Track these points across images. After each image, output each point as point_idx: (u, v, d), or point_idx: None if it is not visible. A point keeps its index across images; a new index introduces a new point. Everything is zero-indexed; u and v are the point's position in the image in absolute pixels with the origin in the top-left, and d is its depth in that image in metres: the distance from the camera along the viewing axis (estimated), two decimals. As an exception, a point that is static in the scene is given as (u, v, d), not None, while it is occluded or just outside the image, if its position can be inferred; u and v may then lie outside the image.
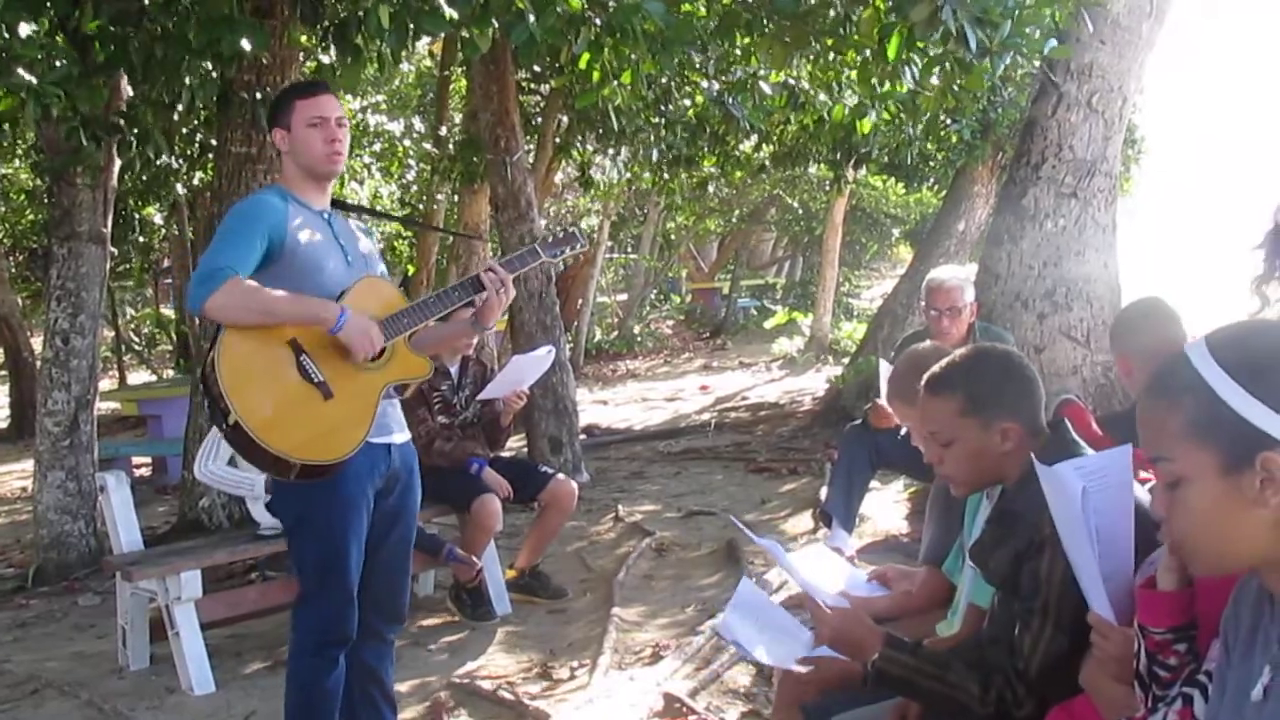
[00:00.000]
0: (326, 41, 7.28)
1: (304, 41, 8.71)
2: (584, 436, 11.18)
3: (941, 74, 6.74)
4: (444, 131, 14.00)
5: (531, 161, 12.28)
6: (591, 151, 13.89)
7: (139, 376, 20.98)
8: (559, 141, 13.54)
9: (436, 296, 3.91)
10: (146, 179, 11.63)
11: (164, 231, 17.42)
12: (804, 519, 7.95)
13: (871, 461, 6.58)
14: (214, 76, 7.41)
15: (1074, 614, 2.36)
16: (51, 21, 6.85)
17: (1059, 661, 2.46)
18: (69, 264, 7.64)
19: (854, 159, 13.38)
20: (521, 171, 9.96)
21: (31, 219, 17.52)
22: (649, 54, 6.69)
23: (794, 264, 32.37)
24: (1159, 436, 1.75)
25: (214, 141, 8.58)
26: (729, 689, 4.92)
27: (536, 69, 11.98)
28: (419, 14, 5.98)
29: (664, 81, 11.01)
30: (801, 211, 25.18)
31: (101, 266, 7.81)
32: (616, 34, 6.39)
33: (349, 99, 13.52)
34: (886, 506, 7.89)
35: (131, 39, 6.73)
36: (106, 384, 17.52)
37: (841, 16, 6.88)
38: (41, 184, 13.69)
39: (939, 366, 2.80)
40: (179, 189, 12.42)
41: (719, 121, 11.56)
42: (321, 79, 4.29)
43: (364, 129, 13.92)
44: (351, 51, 6.55)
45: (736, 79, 10.07)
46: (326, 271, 3.76)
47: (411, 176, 15.71)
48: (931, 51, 6.40)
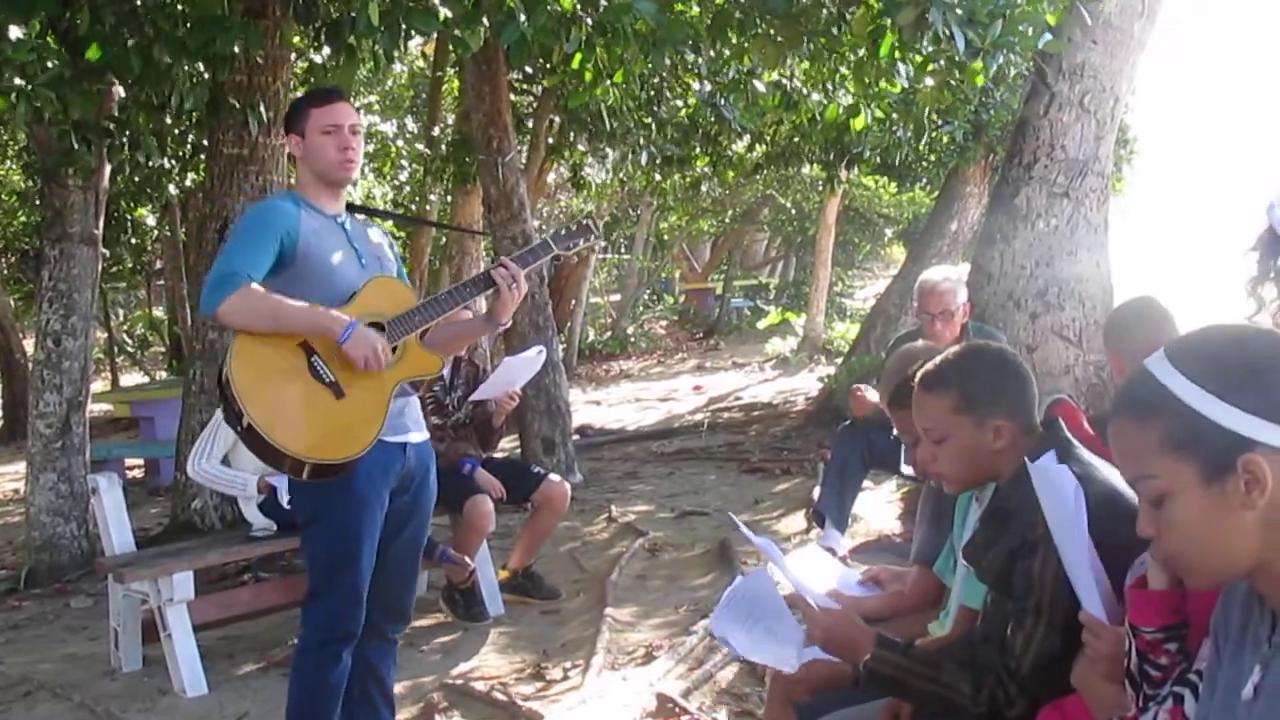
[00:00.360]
0: (319, 41, 7.28)
1: (296, 42, 8.71)
2: (577, 437, 11.19)
3: (936, 72, 6.75)
4: (437, 132, 14.00)
5: (524, 162, 12.28)
6: (584, 152, 13.89)
7: (132, 378, 20.95)
8: (551, 142, 13.55)
9: (448, 293, 3.94)
10: (139, 180, 11.65)
11: (156, 233, 17.41)
12: (797, 519, 7.96)
13: (864, 461, 6.57)
14: (206, 78, 7.40)
15: (1066, 613, 2.35)
16: (42, 24, 6.84)
17: (1051, 661, 2.45)
18: (61, 265, 7.62)
19: (846, 159, 13.38)
20: (514, 172, 9.96)
21: (23, 220, 17.51)
22: (641, 54, 6.69)
23: (787, 264, 32.40)
24: (1136, 456, 1.74)
25: (206, 143, 8.57)
26: (722, 689, 4.92)
27: (528, 69, 11.99)
28: (411, 13, 5.98)
29: (656, 81, 11.02)
30: (794, 212, 25.21)
31: (93, 268, 7.80)
32: (608, 34, 6.39)
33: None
34: (879, 506, 7.90)
35: (125, 41, 6.72)
36: (99, 386, 17.51)
37: (834, 16, 6.88)
38: (33, 186, 13.68)
39: (932, 364, 2.80)
40: (171, 190, 12.41)
41: (711, 122, 11.57)
42: (336, 87, 4.31)
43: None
44: (344, 51, 6.55)
45: (729, 79, 10.08)
46: (339, 274, 3.79)
47: (404, 177, 15.72)
48: (926, 50, 6.41)
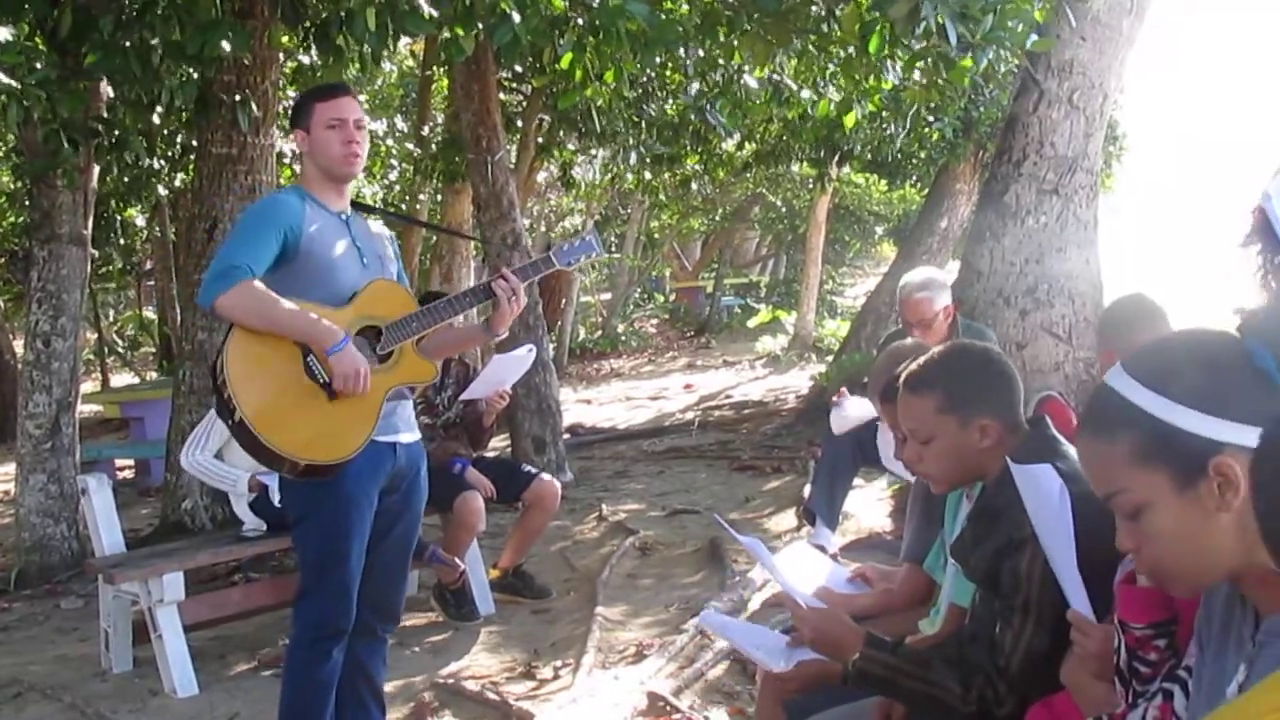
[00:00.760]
0: (308, 42, 7.27)
1: (285, 42, 8.70)
2: (568, 436, 11.18)
3: (925, 69, 6.75)
4: (426, 131, 13.98)
5: (513, 161, 12.28)
6: (573, 151, 13.89)
7: (122, 379, 20.91)
8: (541, 141, 13.54)
9: (447, 302, 3.96)
10: (128, 181, 11.61)
11: (146, 233, 17.36)
12: (787, 517, 7.97)
13: (855, 459, 6.58)
14: (194, 78, 7.39)
15: (1055, 611, 2.35)
16: (30, 24, 6.83)
17: (1040, 659, 2.46)
18: (49, 266, 7.61)
19: (837, 156, 13.41)
20: (503, 171, 9.96)
21: (12, 221, 17.44)
22: (631, 54, 6.69)
23: (778, 262, 32.39)
24: (1107, 472, 1.74)
25: (194, 143, 8.55)
26: (713, 687, 4.92)
27: (518, 68, 11.98)
28: (401, 14, 5.98)
29: (645, 81, 11.01)
30: (785, 210, 25.20)
31: (82, 269, 7.78)
32: (599, 34, 6.40)
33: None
34: (869, 504, 7.91)
35: (123, 46, 6.71)
36: (89, 386, 17.49)
37: (823, 13, 6.88)
38: (22, 186, 13.65)
39: (917, 364, 2.81)
40: (160, 190, 12.38)
41: (700, 122, 11.58)
42: (342, 82, 4.34)
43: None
44: (333, 52, 6.54)
45: (719, 79, 10.08)
46: (340, 272, 3.80)
47: (394, 176, 15.69)
48: (914, 47, 6.41)
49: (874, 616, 3.38)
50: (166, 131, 10.13)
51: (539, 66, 9.33)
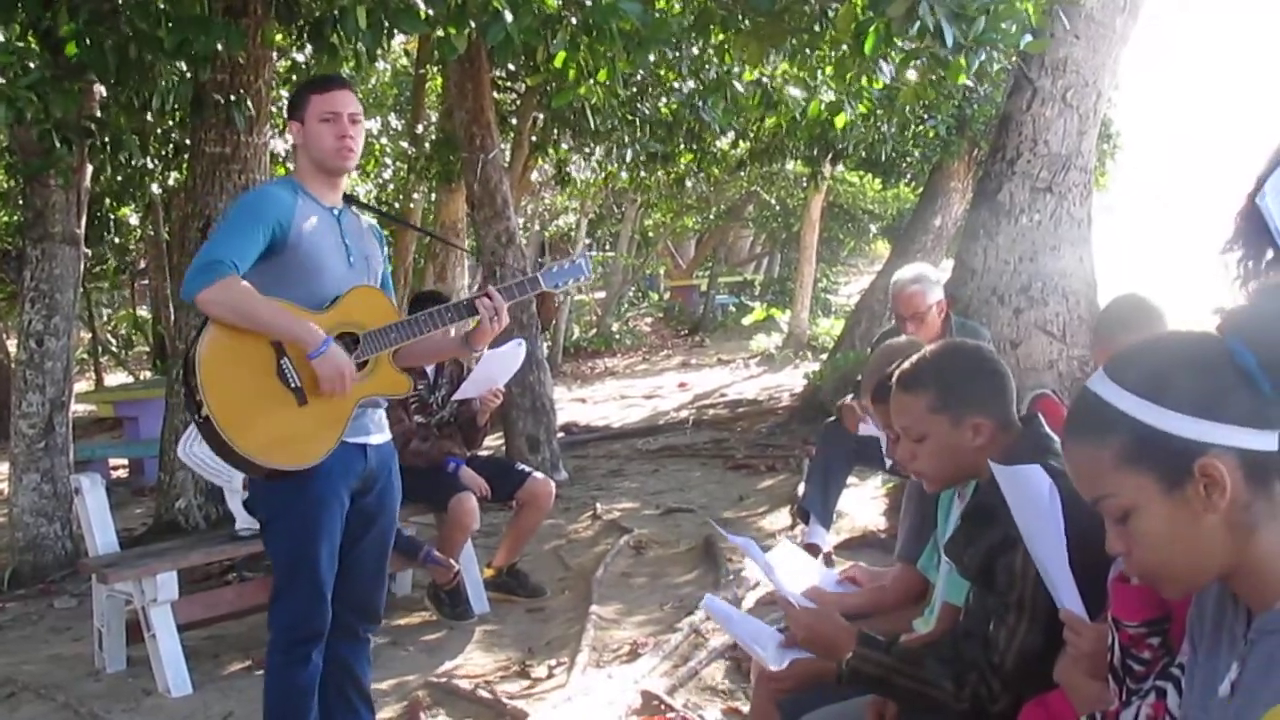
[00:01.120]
0: (301, 40, 7.26)
1: (279, 41, 8.69)
2: (562, 435, 11.18)
3: (918, 68, 6.75)
4: (420, 130, 13.97)
5: (508, 160, 12.27)
6: (568, 150, 13.87)
7: (116, 378, 20.88)
8: (535, 140, 13.54)
9: (428, 315, 3.90)
10: (121, 180, 11.60)
11: (140, 232, 17.33)
12: (782, 515, 7.96)
13: (849, 458, 6.58)
14: (187, 77, 7.38)
15: (1048, 609, 2.35)
16: (22, 24, 6.81)
17: (1034, 656, 2.46)
18: (43, 265, 7.60)
19: (831, 155, 13.41)
20: (498, 170, 9.96)
21: (5, 220, 17.41)
22: (624, 52, 6.68)
23: (772, 261, 32.37)
24: (1094, 477, 1.74)
25: (188, 142, 8.54)
26: (707, 686, 4.92)
27: (512, 67, 11.97)
28: (395, 12, 5.97)
29: (639, 79, 11.01)
30: (779, 208, 25.19)
31: (76, 268, 7.77)
32: (593, 33, 6.39)
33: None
34: (864, 502, 7.90)
35: (105, 40, 6.70)
36: (83, 386, 17.46)
37: (817, 12, 6.88)
38: (15, 186, 13.63)
39: (909, 363, 2.81)
40: (154, 190, 12.37)
41: (693, 120, 11.58)
42: (339, 74, 4.31)
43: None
44: (326, 50, 6.54)
45: (711, 79, 10.08)
46: (326, 271, 3.76)
47: (388, 175, 15.68)
48: (908, 46, 6.41)
49: (867, 615, 3.38)
50: (160, 130, 10.12)
51: (533, 65, 9.32)
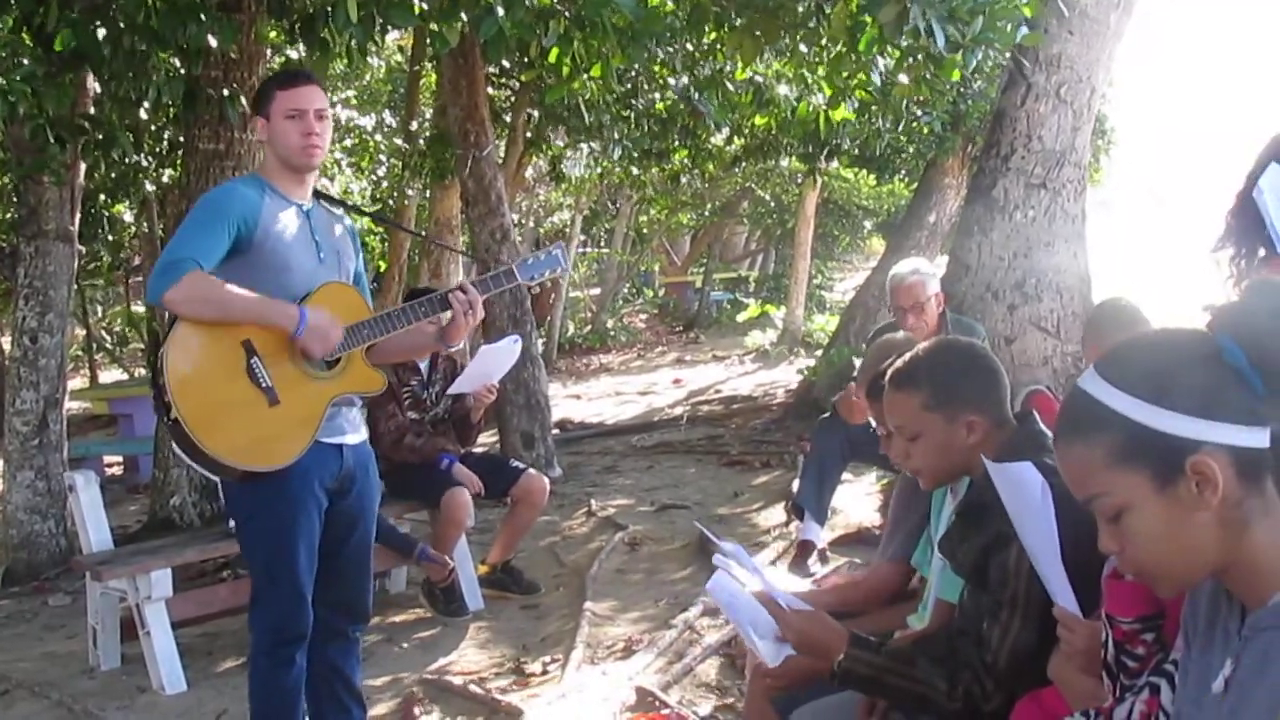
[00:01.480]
0: (294, 36, 7.25)
1: (272, 37, 8.67)
2: (557, 431, 11.18)
3: (912, 66, 6.75)
4: (414, 127, 13.95)
5: (502, 156, 12.26)
6: (562, 146, 13.86)
7: (110, 375, 20.86)
8: (529, 136, 13.53)
9: (401, 311, 3.86)
10: (115, 177, 11.58)
11: (134, 229, 17.30)
12: (776, 512, 7.96)
13: (844, 454, 6.58)
14: (180, 73, 7.36)
15: (1042, 606, 2.35)
16: (15, 20, 6.80)
17: (1028, 654, 2.45)
18: (36, 263, 7.59)
19: (826, 151, 13.40)
20: (492, 166, 9.95)
21: (-1, 217, 17.39)
22: (618, 47, 6.68)
23: (766, 257, 32.35)
24: (1086, 477, 1.73)
25: (182, 139, 8.53)
26: (701, 682, 4.93)
27: (506, 63, 11.95)
28: (387, 7, 5.95)
29: (633, 75, 11.00)
30: (774, 204, 25.17)
31: (69, 265, 7.77)
32: (586, 27, 6.38)
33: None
34: (859, 499, 7.91)
35: (97, 32, 6.68)
36: (78, 383, 17.43)
37: (812, 10, 6.88)
38: (8, 183, 13.60)
39: (902, 361, 2.81)
40: (148, 186, 12.34)
41: (688, 115, 11.57)
42: (305, 69, 4.24)
43: (334, 124, 13.84)
44: (319, 45, 6.52)
45: (705, 75, 10.07)
46: (294, 268, 3.70)
47: (382, 172, 15.65)
48: (903, 44, 6.40)
49: (850, 615, 3.37)
50: (154, 127, 10.11)
51: (526, 61, 9.31)
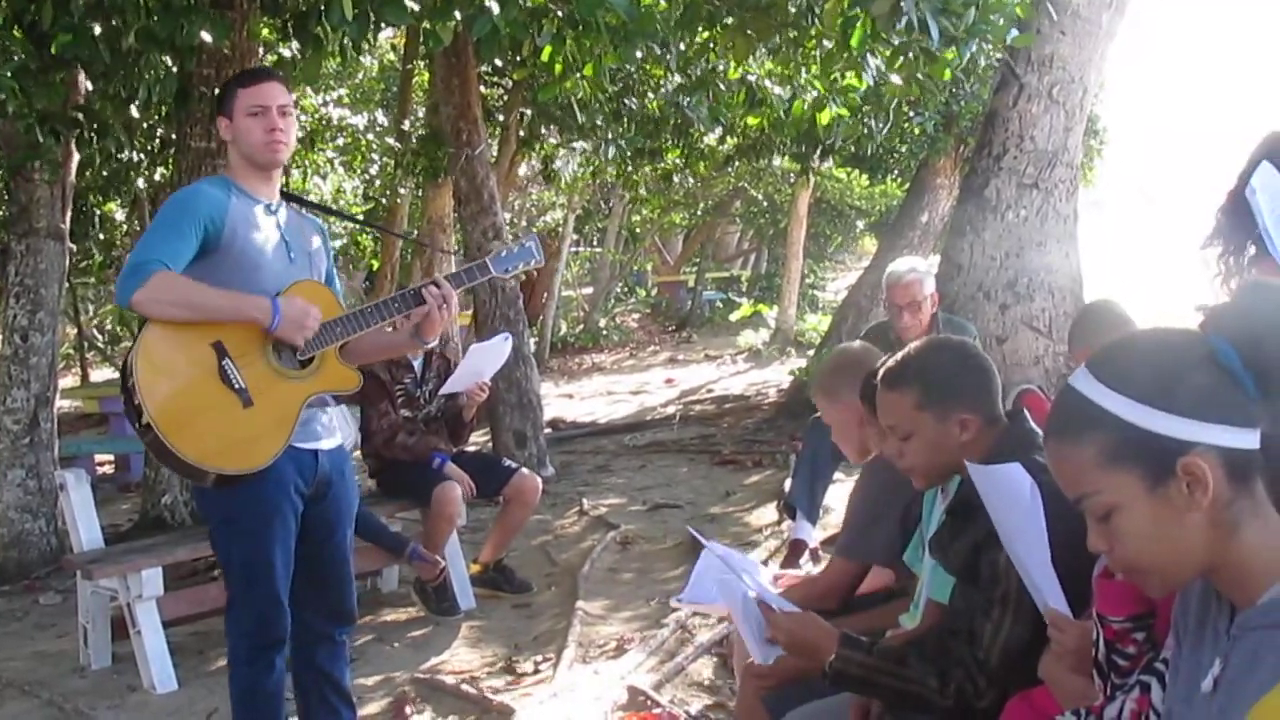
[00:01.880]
0: (287, 33, 7.24)
1: (265, 35, 8.66)
2: (549, 430, 11.17)
3: (905, 63, 6.75)
4: (407, 125, 13.94)
5: (495, 155, 12.24)
6: (555, 145, 13.84)
7: (102, 373, 20.81)
8: (522, 135, 13.52)
9: (374, 307, 3.82)
10: (107, 174, 11.55)
11: (125, 227, 17.27)
12: (768, 511, 7.97)
13: (835, 453, 6.51)
14: (173, 70, 7.35)
15: (1033, 604, 2.35)
16: (7, 16, 6.78)
17: (1019, 652, 2.46)
18: (27, 260, 7.57)
19: (819, 151, 13.40)
20: (484, 165, 9.94)
21: (-11, 215, 17.37)
22: (611, 47, 6.67)
23: (759, 256, 32.35)
24: (1077, 476, 1.73)
25: (174, 136, 8.51)
26: (693, 682, 4.93)
27: (499, 62, 11.94)
28: (381, 4, 5.94)
29: (625, 74, 10.99)
30: (766, 204, 25.15)
31: (61, 263, 7.75)
32: (579, 26, 6.38)
33: (310, 93, 13.45)
34: (851, 498, 7.90)
35: (90, 29, 6.66)
36: (69, 381, 17.39)
37: (804, 7, 6.88)
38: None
39: (894, 360, 2.81)
40: (140, 184, 12.32)
41: (681, 114, 11.57)
42: (266, 66, 4.20)
43: (327, 123, 13.85)
44: (311, 43, 6.51)
45: (698, 75, 10.06)
46: (264, 268, 3.66)
47: (375, 171, 15.64)
48: (895, 41, 6.41)
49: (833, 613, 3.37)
50: (146, 125, 10.08)
51: (519, 59, 9.30)
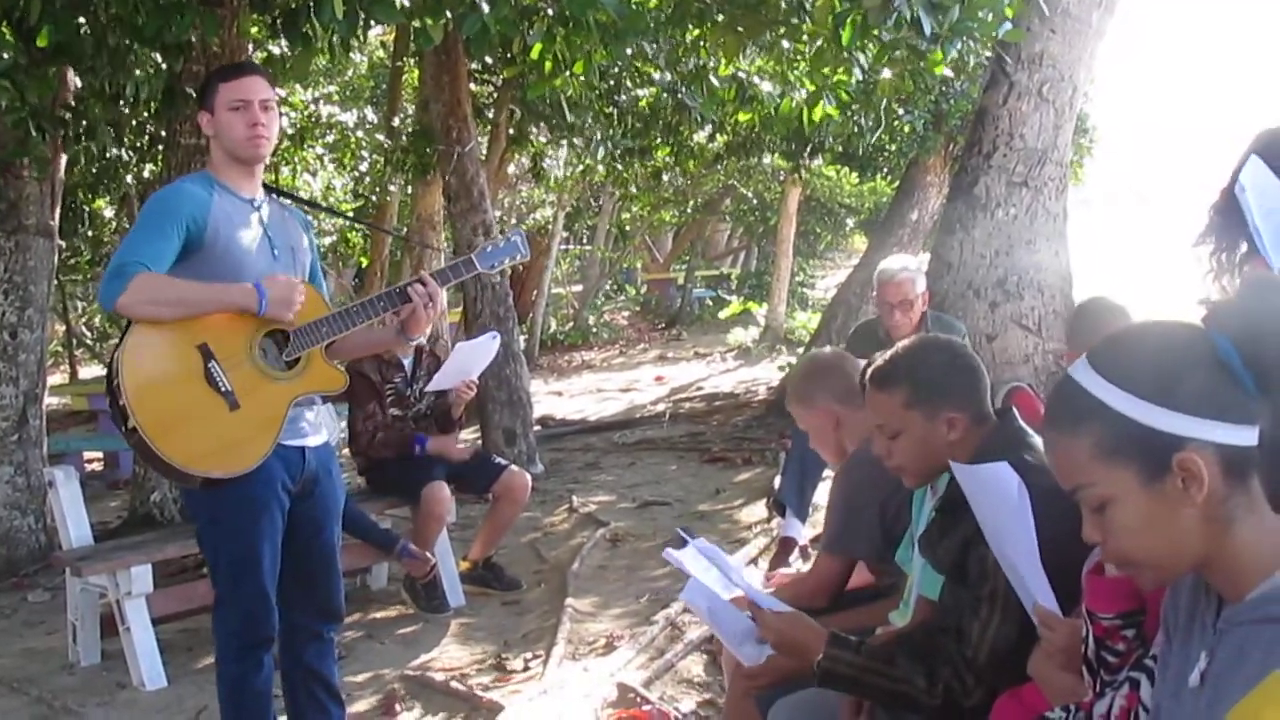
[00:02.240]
0: (276, 31, 7.22)
1: (254, 33, 8.64)
2: (538, 428, 11.16)
3: (895, 61, 6.76)
4: (396, 123, 13.92)
5: (484, 153, 12.23)
6: (545, 143, 13.83)
7: (90, 370, 20.77)
8: (512, 133, 13.51)
9: (360, 306, 3.79)
10: (96, 172, 11.52)
11: (114, 224, 17.23)
12: (758, 508, 7.98)
13: (824, 451, 6.59)
14: (162, 68, 7.33)
15: (1022, 601, 2.36)
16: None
17: (1008, 649, 2.46)
18: (16, 257, 7.55)
19: (809, 149, 13.41)
20: (474, 163, 9.93)
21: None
22: (601, 44, 6.67)
23: (749, 254, 32.36)
24: (1072, 467, 1.73)
25: (163, 134, 8.49)
26: (683, 679, 4.94)
27: (488, 60, 11.93)
28: (371, 2, 5.93)
29: (615, 72, 10.99)
30: (756, 202, 25.15)
31: (49, 260, 7.73)
32: (569, 24, 6.38)
33: (300, 90, 13.42)
34: (840, 495, 7.90)
35: (79, 25, 6.64)
36: (58, 378, 17.37)
37: (795, 4, 6.88)
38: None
39: (883, 360, 2.82)
40: (129, 181, 12.29)
41: (672, 111, 11.56)
42: (248, 60, 4.17)
43: (316, 120, 13.83)
44: (301, 40, 6.50)
45: (689, 70, 10.06)
46: (248, 265, 3.63)
47: (364, 168, 15.61)
48: (885, 37, 6.41)
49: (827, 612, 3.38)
50: (135, 122, 10.06)
51: (509, 57, 9.29)
